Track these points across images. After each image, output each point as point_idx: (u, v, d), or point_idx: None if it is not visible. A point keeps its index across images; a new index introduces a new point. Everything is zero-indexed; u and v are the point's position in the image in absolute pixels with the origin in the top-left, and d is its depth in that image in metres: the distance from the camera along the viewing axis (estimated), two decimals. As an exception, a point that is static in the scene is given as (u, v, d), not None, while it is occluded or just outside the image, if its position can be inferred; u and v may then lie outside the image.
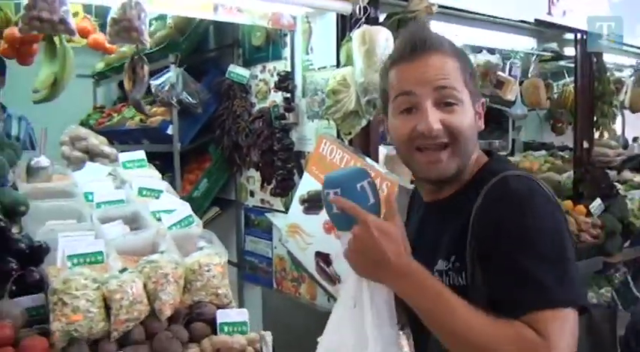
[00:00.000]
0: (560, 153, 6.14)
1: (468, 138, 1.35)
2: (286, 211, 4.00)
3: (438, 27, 3.61)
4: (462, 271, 1.28)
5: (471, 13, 3.90)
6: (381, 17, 3.34)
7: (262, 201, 4.20)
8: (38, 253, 2.22)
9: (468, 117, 1.34)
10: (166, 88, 3.88)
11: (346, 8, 3.12)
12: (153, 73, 3.73)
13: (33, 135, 4.54)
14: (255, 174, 4.21)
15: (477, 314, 1.15)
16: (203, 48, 4.55)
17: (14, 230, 2.34)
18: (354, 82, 2.99)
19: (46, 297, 2.11)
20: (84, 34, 2.72)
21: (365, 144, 3.31)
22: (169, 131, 4.10)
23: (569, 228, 1.27)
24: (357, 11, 3.11)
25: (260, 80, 4.11)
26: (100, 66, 5.49)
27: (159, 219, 2.69)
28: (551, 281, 1.17)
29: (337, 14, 3.25)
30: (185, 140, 4.21)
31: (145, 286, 2.11)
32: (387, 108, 1.44)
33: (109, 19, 2.65)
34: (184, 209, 2.73)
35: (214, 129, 4.29)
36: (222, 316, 2.23)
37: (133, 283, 2.08)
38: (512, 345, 1.11)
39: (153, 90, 3.87)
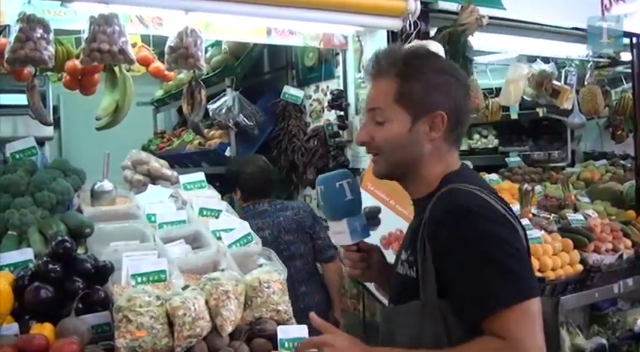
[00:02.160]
0: (622, 161, 5.94)
1: (393, 149, 1.53)
2: (343, 229, 4.02)
3: (487, 39, 3.60)
4: (413, 266, 1.46)
5: (523, 22, 3.86)
6: (432, 31, 3.35)
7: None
8: (103, 272, 2.31)
9: (394, 132, 1.52)
10: (223, 111, 3.99)
11: (396, 24, 3.15)
12: (210, 98, 3.85)
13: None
14: (312, 193, 4.25)
15: None
16: (258, 71, 4.67)
17: (80, 251, 2.45)
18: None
19: (111, 315, 2.20)
20: (145, 62, 2.84)
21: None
22: (227, 153, 4.20)
23: (513, 233, 1.41)
24: (408, 26, 3.12)
25: (314, 100, 4.18)
26: (159, 93, 5.70)
27: (219, 238, 2.76)
28: (496, 284, 1.30)
29: (388, 31, 3.27)
30: (242, 161, 4.30)
31: (206, 303, 2.17)
32: None
33: (166, 48, 2.77)
34: (243, 227, 2.78)
35: (271, 150, 4.37)
36: (282, 332, 2.25)
37: (195, 300, 2.13)
38: None
39: (210, 113, 3.99)
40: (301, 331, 2.31)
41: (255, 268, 2.68)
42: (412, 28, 3.14)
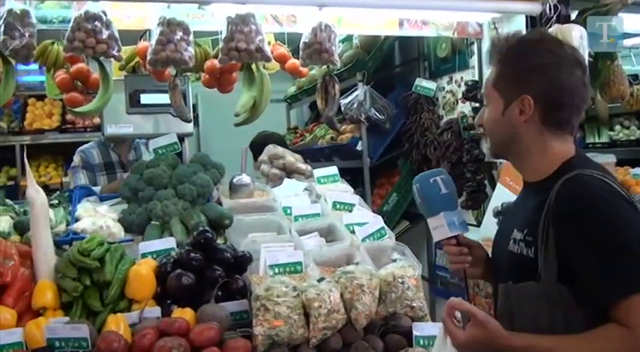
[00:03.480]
0: None
1: (491, 130, 1.63)
2: (478, 224, 3.88)
3: (632, 20, 3.31)
4: (531, 246, 1.46)
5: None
6: (573, 15, 3.14)
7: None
8: (242, 262, 2.39)
9: (491, 114, 1.62)
10: (355, 105, 3.99)
11: (535, 9, 2.98)
12: (342, 92, 3.85)
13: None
14: (444, 188, 4.14)
15: (580, 341, 1.34)
16: (389, 64, 4.62)
17: (219, 241, 2.55)
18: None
19: (249, 303, 2.27)
20: (282, 60, 2.90)
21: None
22: (359, 147, 4.20)
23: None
24: (548, 10, 2.94)
25: (447, 91, 4.06)
26: (292, 90, 5.82)
27: (352, 231, 2.76)
28: (627, 269, 1.32)
29: (526, 16, 3.10)
30: (374, 155, 4.29)
31: (341, 296, 2.17)
32: None
33: (301, 44, 2.80)
34: (376, 222, 2.76)
35: (403, 144, 4.32)
36: (417, 329, 2.20)
37: (330, 292, 2.14)
38: (617, 347, 1.30)
39: (342, 108, 4.00)
40: (437, 329, 2.25)
41: (388, 263, 2.66)
42: (552, 11, 2.94)
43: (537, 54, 1.53)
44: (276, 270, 2.37)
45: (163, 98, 3.52)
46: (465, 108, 3.84)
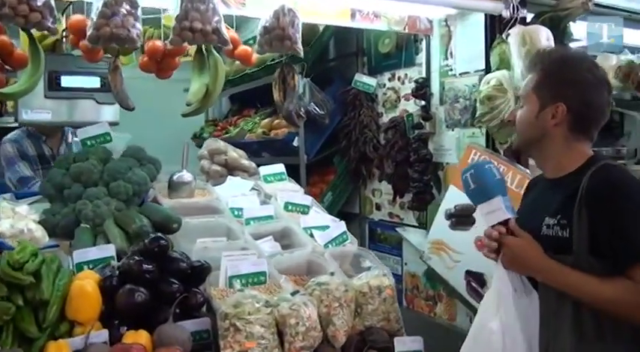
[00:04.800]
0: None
1: (522, 127, 1.88)
2: (420, 226, 3.79)
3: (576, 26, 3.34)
4: (566, 227, 1.70)
5: (613, 9, 3.62)
6: (528, 17, 3.10)
7: (390, 215, 4.00)
8: (200, 273, 2.10)
9: (525, 114, 1.86)
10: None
11: (497, 8, 2.90)
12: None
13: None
14: (382, 187, 4.02)
15: (594, 281, 1.63)
16: (324, 58, 4.42)
17: (165, 248, 2.24)
18: (513, 86, 2.75)
19: (211, 321, 2.00)
20: (233, 44, 2.60)
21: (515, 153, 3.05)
22: (295, 143, 3.98)
23: None
24: (510, 11, 2.87)
25: (388, 88, 3.93)
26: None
27: (311, 235, 2.54)
28: None
29: (486, 15, 3.02)
30: (311, 152, 4.08)
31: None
32: None
33: (259, 28, 2.53)
34: (338, 226, 2.57)
35: (339, 141, 4.14)
36: (399, 344, 2.04)
37: (305, 307, 1.92)
38: (623, 296, 1.60)
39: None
40: (416, 343, 2.10)
41: (350, 269, 2.48)
42: (515, 12, 2.88)
43: (576, 71, 1.79)
44: (238, 282, 2.11)
45: (87, 81, 3.13)
46: (409, 106, 3.72)
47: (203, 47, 2.47)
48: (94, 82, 3.08)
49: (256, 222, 2.59)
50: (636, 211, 1.64)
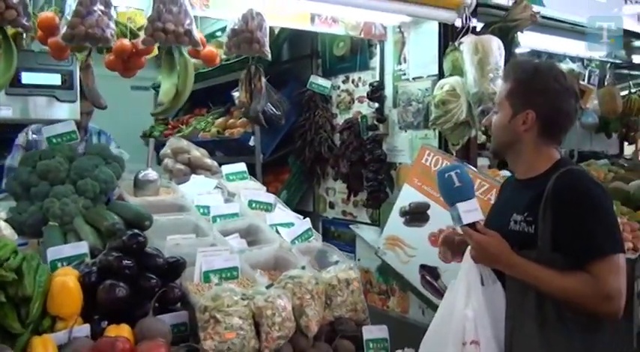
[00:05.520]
0: (621, 162, 5.99)
1: (496, 132, 2.02)
2: (373, 223, 3.94)
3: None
4: (532, 224, 1.84)
5: (556, 20, 3.84)
6: (479, 26, 3.29)
7: (344, 212, 4.14)
8: (176, 268, 2.17)
9: (499, 120, 1.99)
10: (249, 99, 3.82)
11: (451, 17, 3.07)
12: (234, 85, 3.69)
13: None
14: (336, 186, 4.15)
15: (557, 275, 1.77)
16: (278, 60, 4.51)
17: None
18: (465, 91, 2.93)
19: (188, 314, 2.07)
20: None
21: (465, 154, 3.25)
22: (251, 142, 4.06)
23: (611, 204, 1.91)
24: (463, 20, 3.05)
25: (342, 90, 4.06)
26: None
27: (277, 232, 2.64)
28: (603, 239, 1.77)
29: (440, 24, 3.19)
30: (266, 151, 4.17)
31: (289, 302, 2.07)
32: None
33: (228, 31, 2.61)
34: (304, 223, 2.68)
35: (294, 141, 4.24)
36: (367, 332, 2.17)
37: (281, 299, 2.02)
38: (582, 288, 1.74)
39: (237, 102, 3.82)
40: (382, 331, 2.24)
41: (315, 264, 2.59)
42: (467, 21, 3.06)
43: (545, 81, 1.90)
44: (212, 276, 2.20)
45: (48, 78, 3.10)
46: (362, 107, 3.87)
47: (173, 48, 2.52)
48: (55, 79, 3.06)
49: (222, 220, 2.67)
50: (595, 213, 1.78)
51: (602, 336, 1.85)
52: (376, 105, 3.66)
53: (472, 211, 1.88)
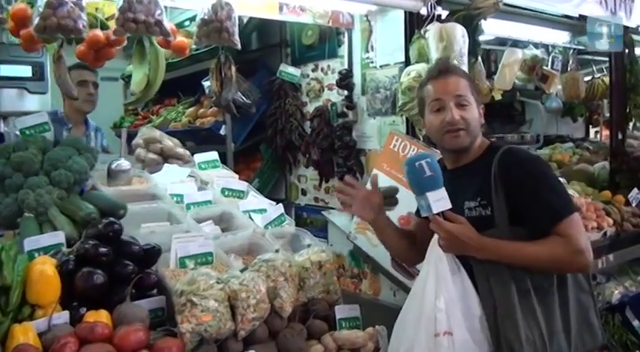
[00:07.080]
0: (586, 144, 6.20)
1: (474, 125, 2.07)
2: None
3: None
4: (487, 206, 1.96)
5: (518, 8, 3.94)
6: (444, 14, 3.37)
7: (316, 199, 4.21)
8: (151, 255, 2.23)
9: (474, 113, 2.08)
10: (219, 88, 3.86)
11: (417, 6, 3.14)
12: (204, 74, 3.72)
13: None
14: (307, 173, 4.22)
15: (528, 245, 1.88)
16: (247, 48, 4.54)
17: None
18: (431, 78, 3.00)
19: (165, 299, 2.12)
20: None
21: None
22: (222, 131, 4.10)
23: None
24: (428, 8, 3.13)
25: (312, 79, 4.12)
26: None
27: (250, 218, 2.70)
28: (560, 203, 1.93)
29: (405, 12, 3.27)
30: (237, 140, 4.21)
31: (264, 284, 2.13)
32: (424, 111, 2.17)
33: (197, 21, 2.65)
34: (277, 208, 2.74)
35: (266, 129, 4.29)
36: (339, 312, 2.24)
37: (255, 282, 2.09)
38: (555, 249, 1.86)
39: (207, 91, 3.85)
40: (354, 310, 2.32)
41: (288, 249, 2.66)
42: (432, 9, 3.14)
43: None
44: (187, 262, 2.25)
45: (18, 70, 3.11)
46: (331, 95, 3.94)
47: (144, 38, 2.55)
48: (26, 71, 3.07)
49: (196, 207, 2.72)
50: (545, 182, 1.93)
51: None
52: (345, 92, 3.74)
53: (441, 200, 1.90)
